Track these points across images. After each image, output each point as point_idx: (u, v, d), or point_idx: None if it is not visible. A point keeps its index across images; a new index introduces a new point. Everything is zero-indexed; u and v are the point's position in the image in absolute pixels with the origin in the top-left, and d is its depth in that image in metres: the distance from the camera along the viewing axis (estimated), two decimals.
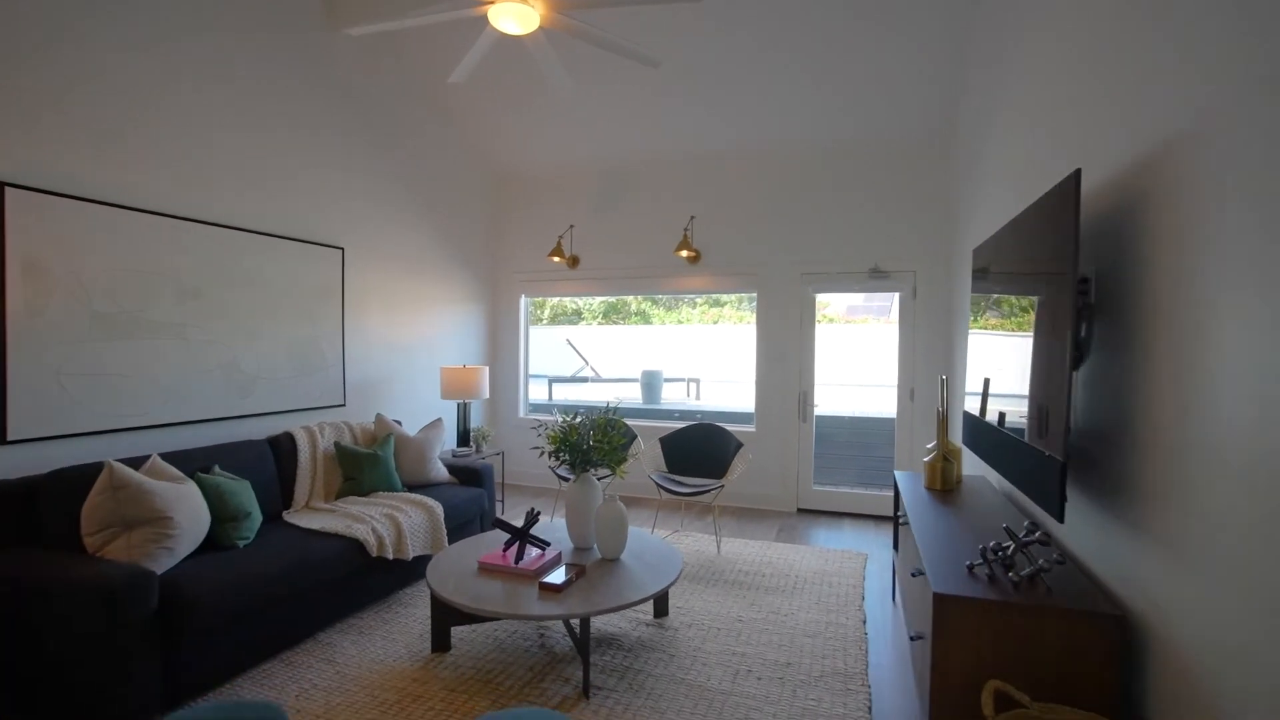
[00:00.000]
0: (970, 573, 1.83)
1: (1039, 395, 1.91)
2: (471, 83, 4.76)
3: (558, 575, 2.58)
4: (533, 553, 2.81)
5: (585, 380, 8.88)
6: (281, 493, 3.36)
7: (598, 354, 9.46)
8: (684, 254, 5.16)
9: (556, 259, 5.51)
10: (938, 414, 2.95)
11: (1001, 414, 2.59)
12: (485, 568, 2.72)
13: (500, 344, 6.08)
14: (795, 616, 3.11)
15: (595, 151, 5.42)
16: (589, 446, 2.95)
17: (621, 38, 2.91)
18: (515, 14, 2.62)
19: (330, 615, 2.91)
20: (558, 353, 9.41)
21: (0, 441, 2.51)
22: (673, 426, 5.14)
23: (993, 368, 2.64)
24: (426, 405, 5.03)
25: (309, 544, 2.85)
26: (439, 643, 2.73)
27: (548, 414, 6.01)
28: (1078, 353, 1.73)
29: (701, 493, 4.02)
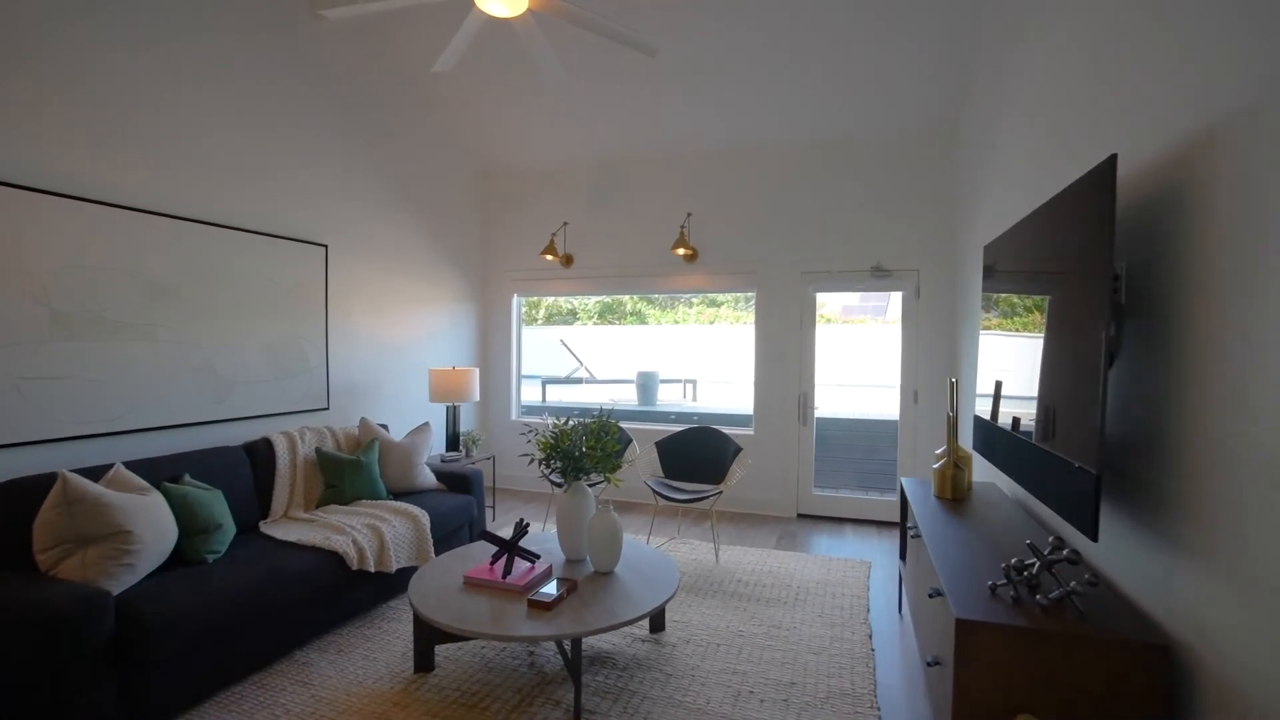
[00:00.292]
0: (993, 594, 1.69)
1: (1065, 401, 1.76)
2: (461, 75, 4.61)
3: (548, 591, 2.43)
4: (522, 566, 2.66)
5: (580, 382, 8.72)
6: (258, 502, 3.20)
7: (593, 355, 9.30)
8: (681, 252, 5.01)
9: (549, 257, 5.35)
10: (948, 419, 2.81)
11: (1016, 419, 2.45)
12: (471, 583, 2.56)
13: (492, 345, 5.92)
14: (798, 631, 2.97)
15: (589, 146, 5.27)
16: (581, 453, 2.80)
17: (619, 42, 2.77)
18: None
19: (307, 632, 2.75)
20: (552, 353, 9.25)
21: None
22: (669, 429, 4.99)
23: (1007, 370, 2.50)
24: (415, 408, 4.87)
25: (284, 557, 2.69)
26: (422, 662, 2.57)
27: (539, 417, 5.86)
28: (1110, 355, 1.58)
29: (699, 499, 3.87)
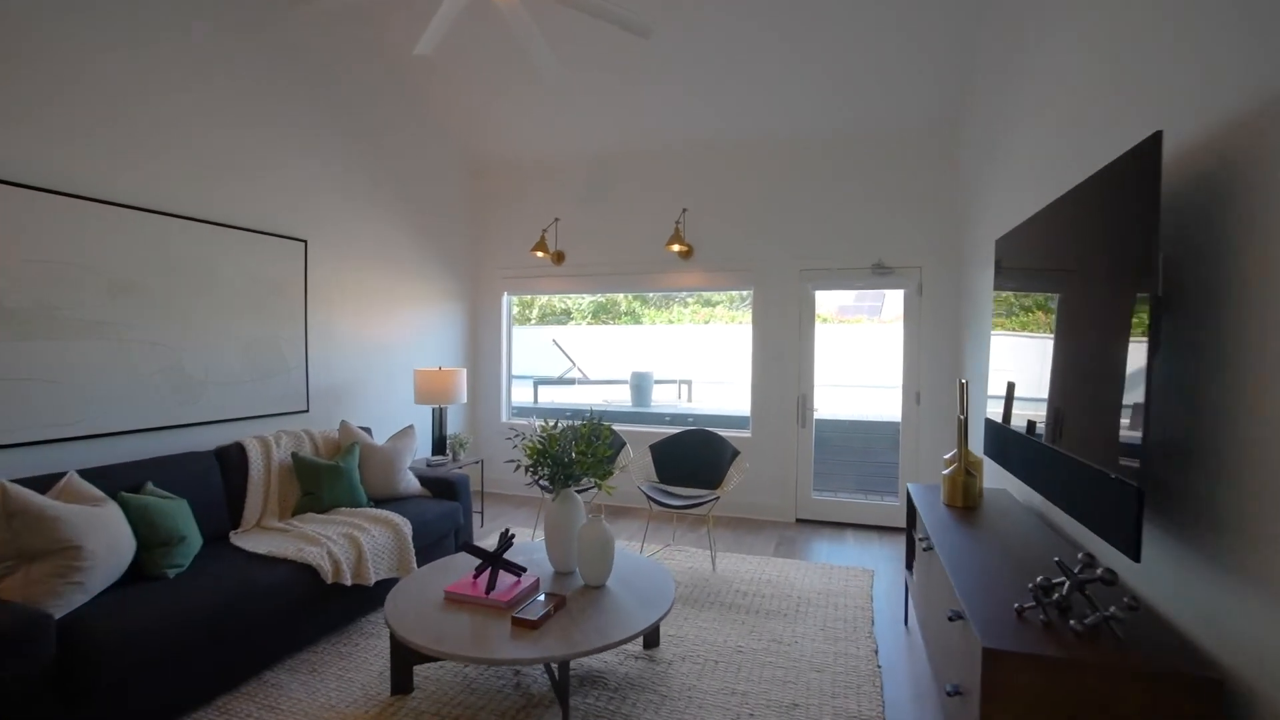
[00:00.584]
0: (1020, 617, 1.54)
1: (1098, 405, 1.61)
2: (449, 66, 4.44)
3: (534, 608, 2.26)
4: (507, 579, 2.49)
5: (573, 382, 8.55)
6: (229, 511, 3.02)
7: (586, 355, 9.13)
8: (676, 249, 4.85)
9: (540, 254, 5.18)
10: (958, 422, 2.66)
11: (1031, 422, 2.30)
12: (452, 598, 2.39)
13: (481, 345, 5.74)
14: (800, 646, 2.81)
15: (582, 140, 5.11)
16: (570, 459, 2.63)
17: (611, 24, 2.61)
18: None
19: (278, 651, 2.58)
20: (546, 354, 9.07)
21: None
22: (664, 432, 4.83)
23: (1026, 371, 2.35)
24: (400, 411, 4.69)
25: (254, 571, 2.52)
26: (399, 683, 2.40)
27: (526, 419, 5.69)
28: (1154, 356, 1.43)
29: (695, 505, 3.72)
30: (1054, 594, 1.58)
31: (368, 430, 3.88)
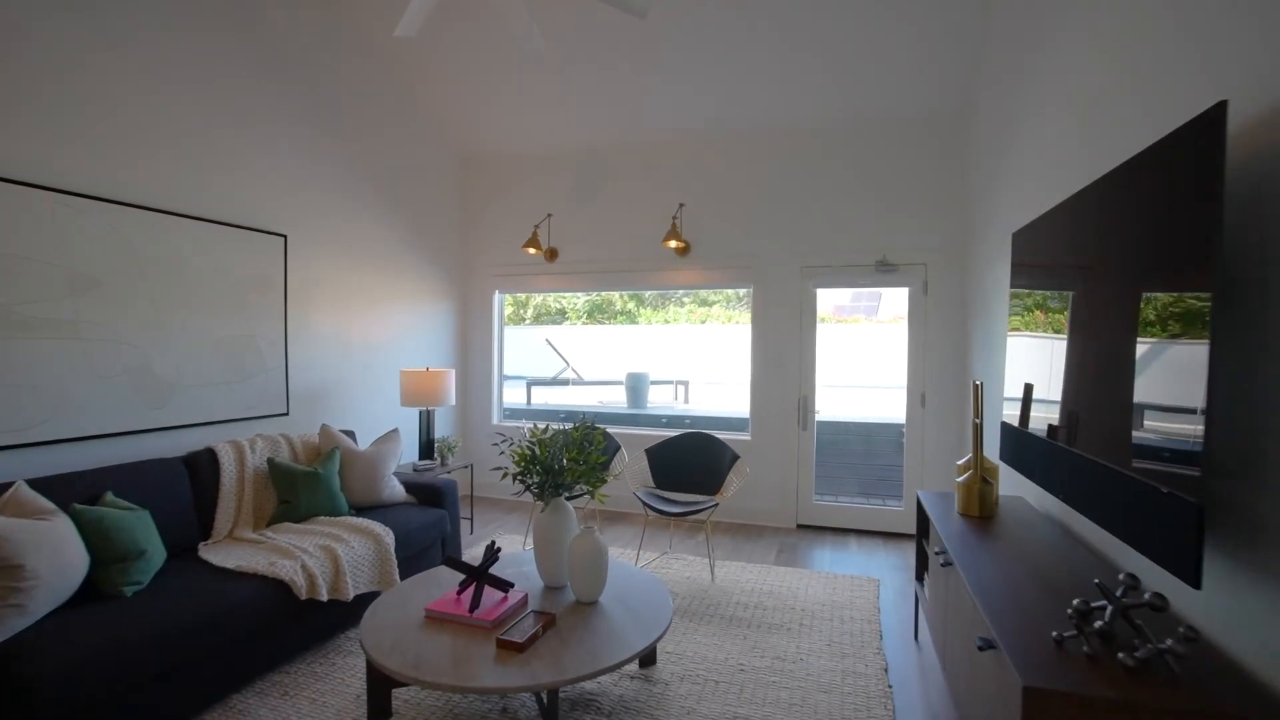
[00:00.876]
0: (1060, 648, 1.38)
1: (1147, 412, 1.46)
2: (437, 54, 4.27)
3: (521, 628, 2.10)
4: (493, 596, 2.33)
5: (566, 383, 8.38)
6: (199, 521, 2.84)
7: (581, 355, 8.96)
8: (672, 245, 4.69)
9: (532, 250, 5.01)
10: (973, 426, 2.51)
11: (1053, 426, 2.15)
12: (433, 617, 2.22)
13: (472, 344, 5.57)
14: (805, 663, 2.65)
15: (575, 133, 4.94)
16: (561, 466, 2.47)
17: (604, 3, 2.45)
18: None
19: (247, 673, 2.40)
20: (540, 354, 8.90)
21: None
22: (660, 434, 4.67)
23: (1049, 373, 2.20)
24: (387, 414, 4.52)
25: (220, 588, 2.34)
26: (377, 708, 2.23)
27: (522, 421, 5.52)
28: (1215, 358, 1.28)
29: (693, 512, 3.56)
30: (1095, 620, 1.42)
31: (351, 434, 3.71)
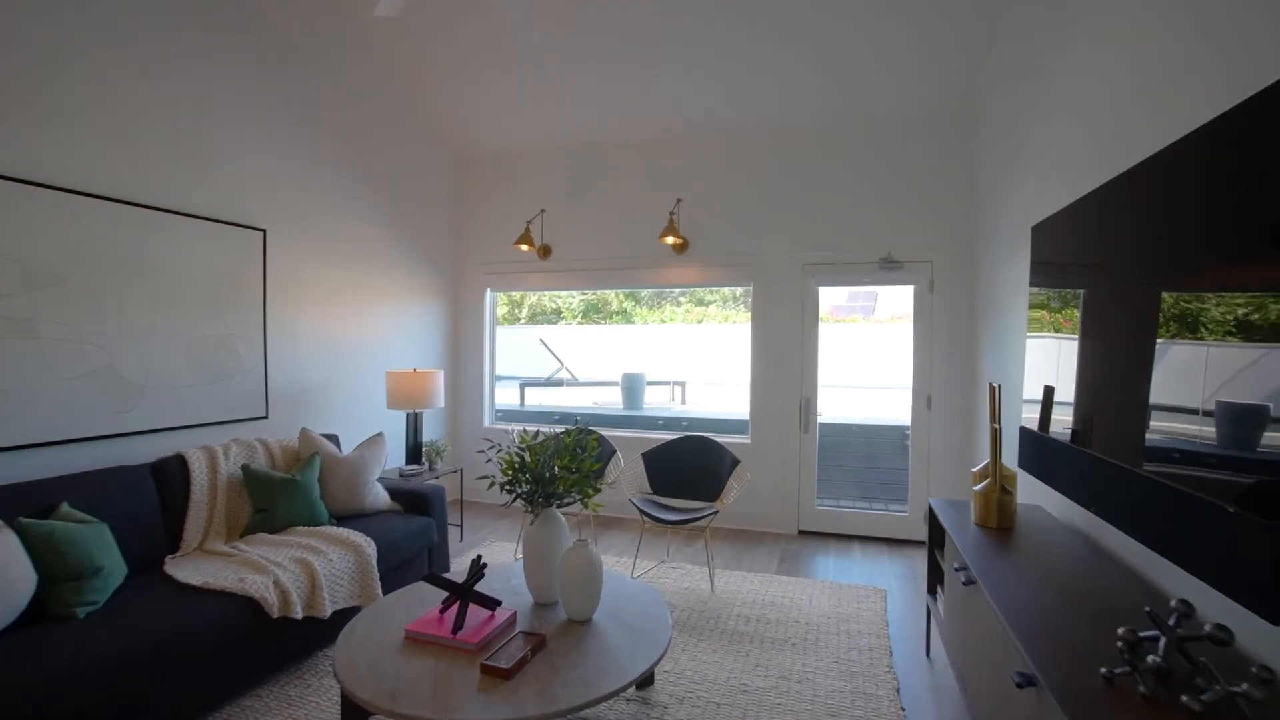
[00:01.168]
0: (1111, 686, 1.23)
1: (1211, 419, 1.31)
2: (426, 42, 4.10)
3: (508, 651, 1.93)
4: (479, 615, 2.16)
5: (560, 384, 8.22)
6: (167, 532, 2.67)
7: (576, 355, 8.79)
8: (670, 241, 4.53)
9: (525, 247, 4.85)
10: (991, 431, 2.36)
11: (1078, 432, 2.01)
12: (414, 639, 2.06)
13: (463, 344, 5.40)
14: (812, 683, 2.50)
15: (570, 125, 4.78)
16: (552, 474, 2.31)
17: None
18: None
19: (214, 698, 2.23)
20: (535, 355, 8.72)
21: None
22: (657, 437, 4.53)
23: (1078, 376, 2.05)
24: (373, 417, 4.34)
25: (185, 607, 2.17)
26: None
27: (510, 423, 5.35)
28: None
29: (692, 520, 3.40)
30: (1146, 653, 1.27)
31: (334, 438, 3.54)
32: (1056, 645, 1.40)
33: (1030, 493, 2.75)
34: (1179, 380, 1.41)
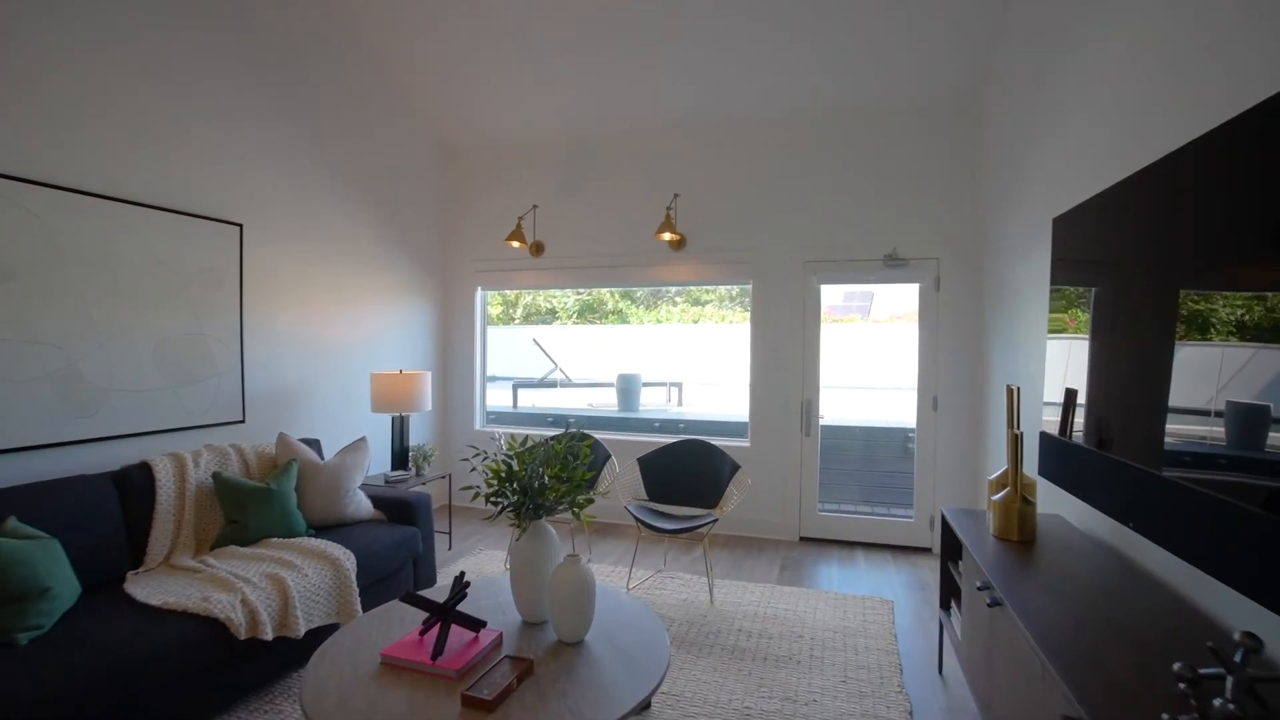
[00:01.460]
0: None
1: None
2: (415, 31, 3.93)
3: (491, 680, 1.77)
4: (462, 637, 2.00)
5: (554, 385, 8.05)
6: (130, 547, 2.49)
7: (571, 356, 8.63)
8: (666, 237, 4.37)
9: (516, 244, 4.68)
10: (1011, 437, 2.21)
11: (1104, 439, 1.86)
12: (390, 664, 1.89)
13: (453, 345, 5.22)
14: (819, 705, 2.34)
15: (563, 118, 4.61)
16: (542, 484, 2.14)
17: None
18: None
19: None
20: (529, 355, 8.56)
21: None
22: (653, 441, 4.37)
23: (1110, 378, 1.90)
24: (358, 421, 4.17)
25: (140, 630, 2.00)
26: None
27: (503, 426, 5.18)
28: None
29: (690, 529, 3.24)
30: (1210, 695, 1.12)
31: (315, 443, 3.37)
32: (1104, 682, 1.25)
33: (1048, 500, 2.60)
34: (1246, 384, 1.26)
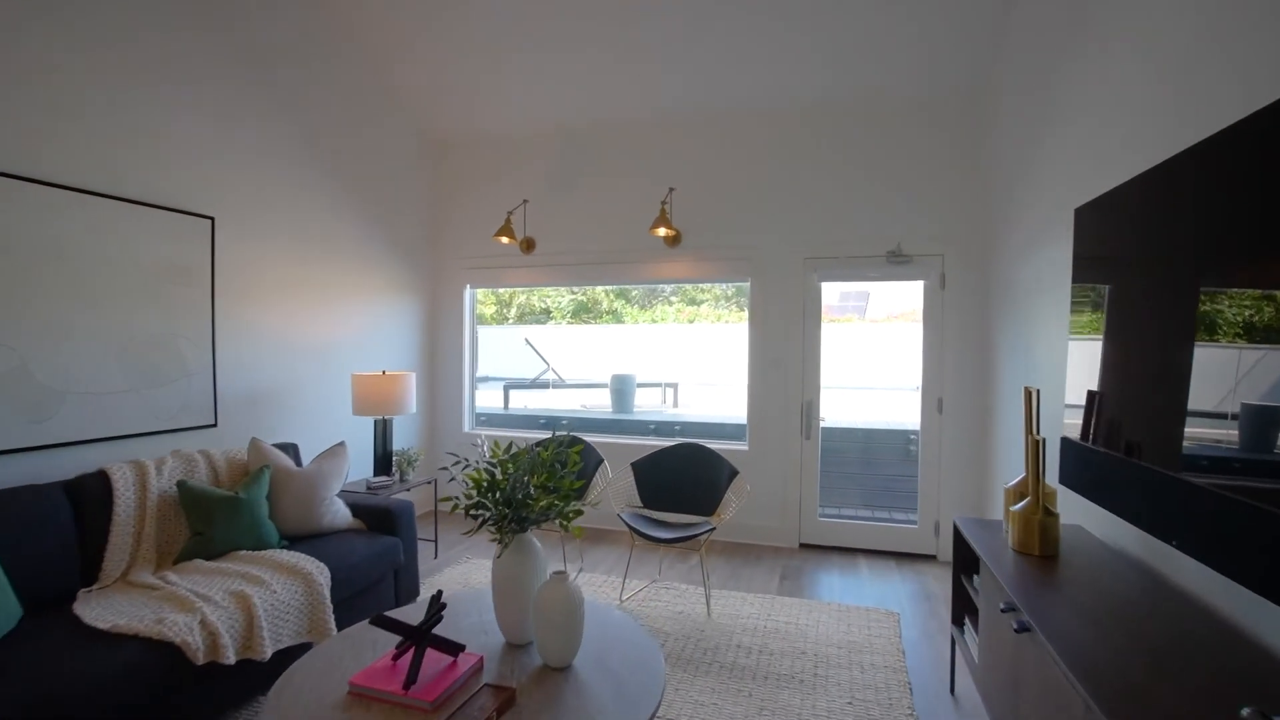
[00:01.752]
0: None
1: None
2: (403, 20, 3.75)
3: (469, 712, 1.61)
4: (438, 662, 1.83)
5: (547, 385, 7.88)
6: (83, 563, 2.32)
7: (564, 356, 8.45)
8: (661, 233, 4.21)
9: (505, 239, 4.51)
10: (1038, 445, 2.05)
11: (1133, 445, 1.71)
12: (358, 694, 1.73)
13: (441, 345, 5.05)
14: None
15: (555, 110, 4.45)
16: (527, 495, 1.98)
17: None
18: None
19: None
20: (522, 355, 8.37)
21: None
22: (648, 444, 4.21)
23: (1148, 380, 1.74)
24: (340, 424, 3.99)
25: (85, 656, 1.82)
26: None
27: (492, 429, 5.01)
28: None
29: (686, 538, 3.08)
30: None
31: (293, 448, 3.20)
32: (1138, 709, 1.09)
33: (1067, 510, 2.45)
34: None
